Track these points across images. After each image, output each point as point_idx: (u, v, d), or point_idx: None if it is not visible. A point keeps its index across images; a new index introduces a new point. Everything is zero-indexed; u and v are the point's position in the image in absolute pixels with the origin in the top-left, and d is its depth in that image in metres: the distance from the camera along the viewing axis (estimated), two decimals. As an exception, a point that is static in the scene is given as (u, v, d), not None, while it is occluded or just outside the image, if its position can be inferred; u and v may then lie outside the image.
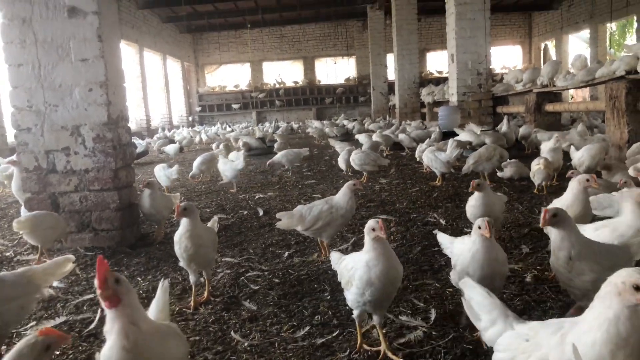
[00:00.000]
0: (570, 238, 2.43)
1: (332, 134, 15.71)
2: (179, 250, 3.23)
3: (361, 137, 10.80)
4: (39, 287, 2.63)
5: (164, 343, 1.79)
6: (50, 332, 1.75)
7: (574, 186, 3.45)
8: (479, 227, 2.49)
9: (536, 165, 5.72)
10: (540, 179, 5.76)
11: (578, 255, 2.38)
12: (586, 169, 5.80)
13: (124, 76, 5.13)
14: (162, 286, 2.24)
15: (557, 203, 3.46)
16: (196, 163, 8.47)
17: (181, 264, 3.32)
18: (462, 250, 2.64)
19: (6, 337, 2.65)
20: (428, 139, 9.60)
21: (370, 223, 2.33)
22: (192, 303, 3.25)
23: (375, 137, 10.49)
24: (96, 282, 1.70)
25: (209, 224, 3.68)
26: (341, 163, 8.27)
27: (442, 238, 3.04)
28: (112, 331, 1.72)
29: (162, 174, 7.35)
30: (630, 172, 5.34)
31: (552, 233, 2.55)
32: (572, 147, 6.47)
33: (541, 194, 5.78)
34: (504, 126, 9.75)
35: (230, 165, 7.56)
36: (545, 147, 6.68)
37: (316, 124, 19.63)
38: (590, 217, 3.48)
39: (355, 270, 2.38)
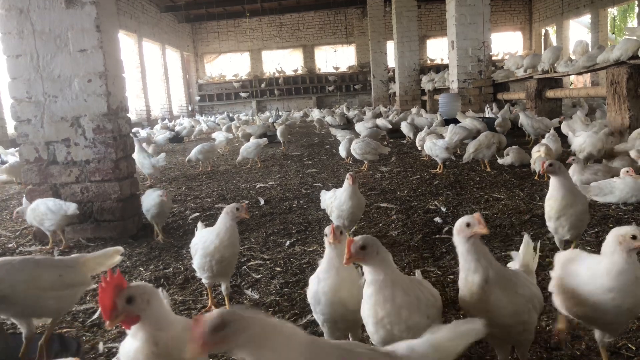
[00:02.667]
0: (487, 260, 1.93)
1: (334, 123, 15.67)
2: (209, 262, 2.76)
3: (358, 126, 10.80)
4: (87, 276, 2.52)
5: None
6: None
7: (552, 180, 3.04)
8: (325, 235, 2.17)
9: (537, 153, 5.72)
10: (540, 166, 5.76)
11: (495, 280, 1.90)
12: (587, 155, 5.77)
13: (123, 66, 5.12)
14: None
15: (548, 194, 3.11)
16: (194, 150, 8.56)
17: (202, 276, 2.91)
18: None
19: (56, 323, 2.59)
20: (426, 128, 9.58)
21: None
22: (210, 306, 3.06)
23: (378, 122, 10.48)
24: (103, 315, 1.56)
25: (203, 227, 3.20)
26: (342, 152, 8.27)
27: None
28: (137, 336, 1.62)
29: (148, 162, 7.26)
30: (632, 154, 5.34)
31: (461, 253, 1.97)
32: (570, 133, 6.45)
33: (542, 181, 5.78)
34: (486, 113, 9.84)
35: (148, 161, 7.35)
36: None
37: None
38: (585, 208, 3.08)
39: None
